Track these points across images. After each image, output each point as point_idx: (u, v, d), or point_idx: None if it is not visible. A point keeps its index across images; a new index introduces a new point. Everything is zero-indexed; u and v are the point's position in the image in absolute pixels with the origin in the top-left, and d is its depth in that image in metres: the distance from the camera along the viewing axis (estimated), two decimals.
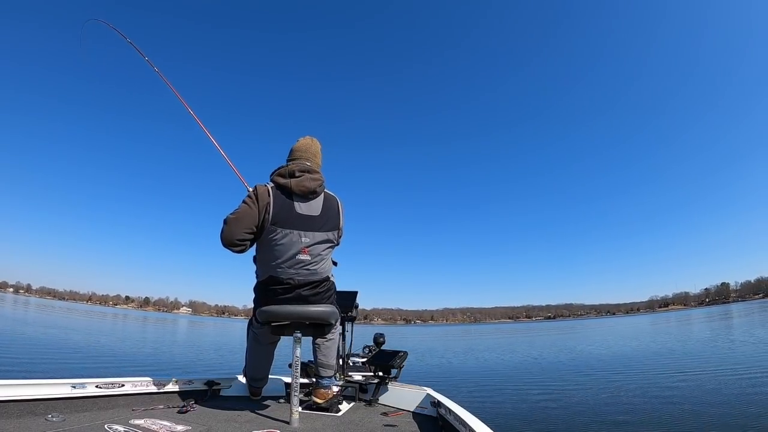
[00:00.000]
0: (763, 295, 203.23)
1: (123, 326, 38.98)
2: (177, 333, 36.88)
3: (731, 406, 6.85)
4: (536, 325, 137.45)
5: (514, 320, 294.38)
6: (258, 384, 3.27)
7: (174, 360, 14.45)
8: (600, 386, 9.45)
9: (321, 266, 2.79)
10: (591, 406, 7.34)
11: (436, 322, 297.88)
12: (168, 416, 2.52)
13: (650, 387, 9.04)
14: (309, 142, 3.02)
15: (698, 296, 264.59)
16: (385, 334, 4.32)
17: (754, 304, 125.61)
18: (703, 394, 7.92)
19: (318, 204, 2.80)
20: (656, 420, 6.23)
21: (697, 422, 6.05)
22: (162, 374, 3.14)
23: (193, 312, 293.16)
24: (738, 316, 48.48)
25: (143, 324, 50.21)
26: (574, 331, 48.77)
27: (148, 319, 74.73)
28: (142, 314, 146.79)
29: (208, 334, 38.68)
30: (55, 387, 2.47)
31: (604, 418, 6.46)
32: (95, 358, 13.04)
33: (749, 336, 20.91)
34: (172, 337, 29.78)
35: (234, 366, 12.13)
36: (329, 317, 2.83)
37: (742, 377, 9.54)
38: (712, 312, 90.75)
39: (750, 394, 7.80)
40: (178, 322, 79.11)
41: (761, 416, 6.16)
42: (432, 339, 41.77)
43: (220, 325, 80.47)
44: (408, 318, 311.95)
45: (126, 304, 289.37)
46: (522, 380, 10.94)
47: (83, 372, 9.82)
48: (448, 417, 2.48)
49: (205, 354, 17.42)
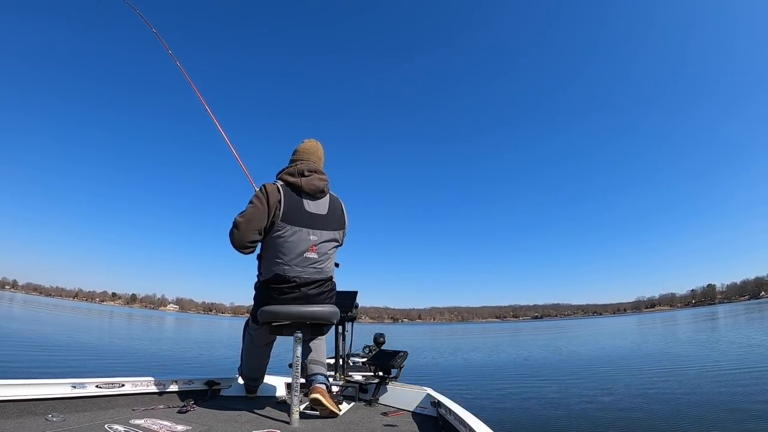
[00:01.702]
0: (748, 296, 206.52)
1: (110, 324, 38.45)
2: (165, 331, 36.46)
3: (715, 405, 6.97)
4: (524, 324, 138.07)
5: (501, 320, 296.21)
6: (254, 383, 3.29)
7: (163, 359, 14.31)
8: (597, 386, 9.53)
9: (326, 265, 2.82)
10: (590, 406, 7.39)
11: (423, 321, 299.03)
12: (168, 416, 2.50)
13: (643, 386, 9.11)
14: (315, 144, 3.04)
15: (684, 297, 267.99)
16: (383, 333, 4.32)
17: (740, 305, 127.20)
18: (687, 393, 8.03)
19: (325, 203, 2.84)
20: (654, 419, 6.29)
21: (686, 419, 6.14)
22: (162, 374, 3.12)
23: (180, 309, 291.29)
24: (723, 317, 49.06)
25: (130, 321, 49.60)
26: (563, 331, 48.99)
27: (135, 317, 73.87)
28: (128, 311, 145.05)
29: (196, 332, 38.31)
30: (55, 387, 2.45)
31: (603, 417, 6.52)
32: (92, 358, 12.88)
33: (735, 337, 21.24)
34: (159, 335, 29.49)
35: (229, 364, 12.09)
36: (331, 317, 2.83)
37: (726, 376, 9.71)
38: (698, 313, 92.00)
39: (733, 393, 7.93)
40: (165, 319, 78.35)
41: (744, 413, 6.27)
42: (420, 338, 41.81)
43: (208, 322, 79.70)
44: (395, 317, 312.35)
45: (113, 301, 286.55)
46: (520, 380, 10.96)
47: (83, 372, 9.73)
48: (448, 417, 2.49)
49: (192, 353, 17.21)
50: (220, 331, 41.51)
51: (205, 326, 55.27)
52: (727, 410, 6.53)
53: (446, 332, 64.92)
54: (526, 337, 35.29)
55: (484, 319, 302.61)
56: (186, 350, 18.08)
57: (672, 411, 6.67)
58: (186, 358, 14.80)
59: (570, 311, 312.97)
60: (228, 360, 14.56)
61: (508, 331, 57.05)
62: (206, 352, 17.36)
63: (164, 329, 38.87)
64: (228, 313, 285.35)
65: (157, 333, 31.72)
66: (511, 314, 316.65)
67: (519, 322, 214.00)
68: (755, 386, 8.44)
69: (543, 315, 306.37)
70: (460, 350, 21.44)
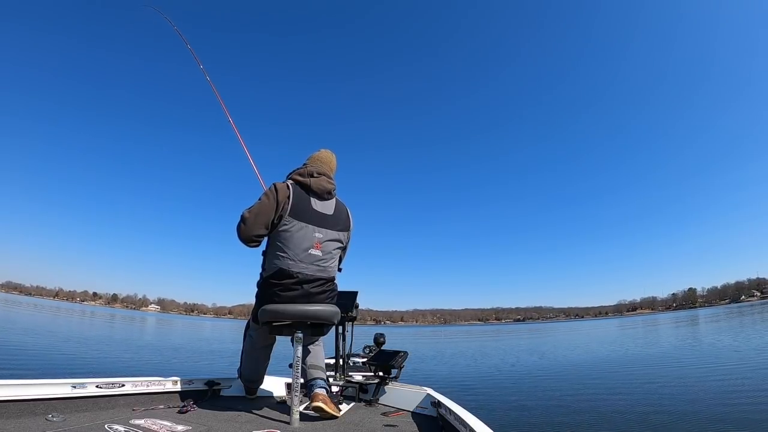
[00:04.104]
0: (729, 300, 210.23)
1: (92, 324, 37.85)
2: (146, 332, 36.00)
3: (698, 405, 7.13)
4: (507, 327, 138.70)
5: (483, 322, 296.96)
6: (254, 385, 3.30)
7: (149, 360, 14.15)
8: (595, 386, 9.71)
9: (330, 264, 2.87)
10: (589, 406, 7.49)
11: (406, 323, 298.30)
12: (168, 416, 2.50)
13: (637, 386, 9.32)
14: (329, 154, 3.17)
15: (665, 301, 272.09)
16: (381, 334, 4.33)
17: (720, 309, 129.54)
18: (675, 394, 8.19)
19: (331, 205, 2.94)
20: (655, 419, 6.39)
21: (684, 419, 6.25)
22: (162, 374, 3.10)
23: (161, 309, 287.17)
24: (704, 321, 49.85)
25: (112, 321, 48.87)
26: (548, 333, 49.30)
27: (116, 317, 72.76)
28: (110, 311, 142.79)
29: (176, 332, 37.89)
30: (56, 387, 2.43)
31: (603, 417, 6.61)
32: (86, 357, 12.73)
33: (713, 339, 21.70)
34: (141, 336, 29.12)
35: (229, 364, 11.98)
36: (332, 317, 2.84)
37: (705, 375, 10.03)
38: (679, 316, 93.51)
39: (710, 393, 8.12)
40: (147, 320, 77.24)
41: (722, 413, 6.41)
42: (403, 339, 41.77)
43: (189, 324, 78.66)
44: (378, 318, 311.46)
45: (94, 301, 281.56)
46: (520, 380, 11.05)
47: (82, 372, 9.62)
48: (448, 417, 2.50)
49: (174, 354, 17.07)
50: (203, 333, 41.04)
51: (190, 327, 54.65)
52: (710, 409, 6.67)
53: (428, 334, 65.02)
54: (514, 341, 35.38)
55: (466, 322, 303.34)
56: (174, 351, 17.91)
57: (672, 411, 6.79)
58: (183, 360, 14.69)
59: (552, 314, 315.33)
60: (226, 360, 14.48)
61: (493, 334, 57.28)
62: (188, 356, 17.18)
63: (146, 331, 38.35)
64: (210, 314, 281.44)
65: (139, 334, 31.33)
66: (494, 317, 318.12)
67: (501, 325, 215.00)
68: (735, 386, 8.67)
69: (525, 318, 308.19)
70: (442, 354, 21.46)
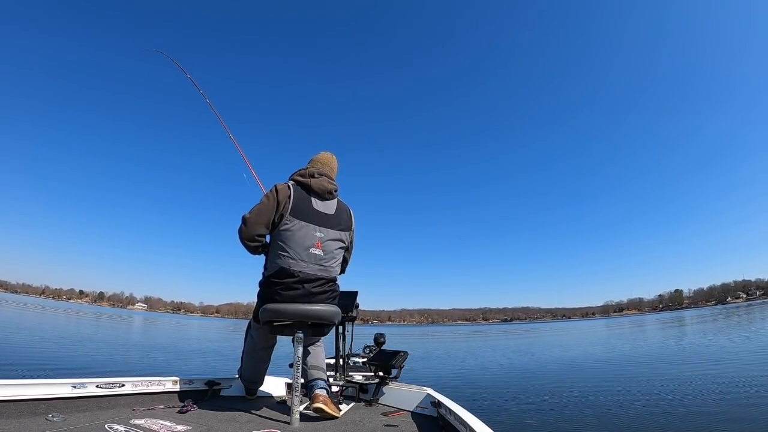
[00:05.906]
0: (715, 302, 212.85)
1: (79, 323, 37.41)
2: (134, 331, 35.66)
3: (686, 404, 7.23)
4: (496, 327, 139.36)
5: (471, 322, 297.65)
6: (254, 386, 3.31)
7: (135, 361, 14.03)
8: (592, 386, 9.79)
9: (331, 264, 2.87)
10: (588, 406, 7.56)
11: (393, 322, 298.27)
12: (168, 416, 2.49)
13: (636, 385, 9.42)
14: (330, 157, 3.20)
15: (652, 302, 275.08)
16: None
17: (707, 310, 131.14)
18: (669, 393, 8.29)
19: (333, 205, 2.95)
20: (653, 418, 6.44)
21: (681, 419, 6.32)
22: (162, 374, 3.09)
23: (148, 308, 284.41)
24: (690, 322, 50.42)
25: (98, 320, 48.29)
26: (538, 333, 49.66)
27: (103, 315, 71.93)
28: (96, 309, 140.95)
29: (164, 332, 37.56)
30: (56, 387, 2.42)
31: (602, 417, 6.66)
32: (87, 357, 12.61)
33: (698, 339, 22.03)
34: (130, 336, 28.86)
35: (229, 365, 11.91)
36: (333, 317, 2.84)
37: (694, 374, 10.17)
38: (665, 317, 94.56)
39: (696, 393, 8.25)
40: (133, 318, 76.53)
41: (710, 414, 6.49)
42: (391, 339, 41.75)
43: (176, 323, 77.79)
44: (365, 318, 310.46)
45: (80, 299, 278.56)
46: (519, 381, 11.11)
47: (82, 371, 9.58)
48: (448, 417, 2.51)
49: (162, 354, 16.93)
50: (192, 333, 40.72)
51: (178, 327, 54.11)
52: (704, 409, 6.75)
53: (416, 334, 65.01)
54: (503, 341, 35.53)
55: (454, 322, 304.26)
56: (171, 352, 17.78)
57: (670, 411, 6.85)
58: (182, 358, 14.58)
59: (539, 314, 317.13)
60: (224, 359, 14.41)
61: (480, 333, 57.50)
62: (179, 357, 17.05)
63: (134, 329, 38.00)
64: (197, 313, 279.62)
65: (126, 333, 31.03)
66: (481, 317, 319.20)
67: (489, 325, 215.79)
68: (720, 385, 8.80)
69: (512, 318, 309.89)
70: (430, 355, 21.50)
